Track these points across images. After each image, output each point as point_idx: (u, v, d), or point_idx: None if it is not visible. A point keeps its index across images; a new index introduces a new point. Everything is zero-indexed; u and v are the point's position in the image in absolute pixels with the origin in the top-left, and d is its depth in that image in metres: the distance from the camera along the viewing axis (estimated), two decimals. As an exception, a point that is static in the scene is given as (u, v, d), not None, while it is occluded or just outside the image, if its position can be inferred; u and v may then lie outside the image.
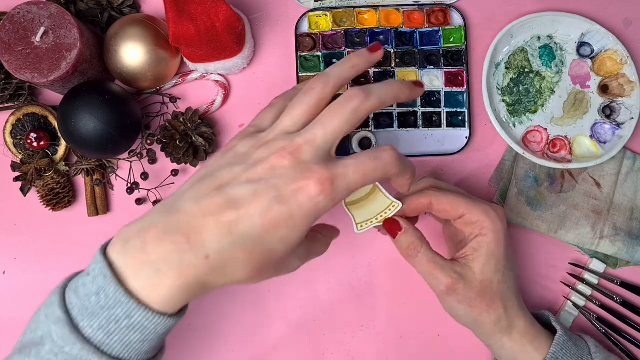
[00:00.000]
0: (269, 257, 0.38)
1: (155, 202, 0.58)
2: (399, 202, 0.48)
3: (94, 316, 0.36)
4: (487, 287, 0.48)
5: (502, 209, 0.50)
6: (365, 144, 0.60)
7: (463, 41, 0.61)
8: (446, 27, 0.61)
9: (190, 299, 0.38)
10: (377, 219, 0.49)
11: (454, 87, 0.61)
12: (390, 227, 0.49)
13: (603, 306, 0.59)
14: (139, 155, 0.58)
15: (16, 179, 0.57)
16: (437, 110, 0.61)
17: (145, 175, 0.58)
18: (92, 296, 0.36)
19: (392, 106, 0.60)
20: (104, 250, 0.38)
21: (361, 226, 0.49)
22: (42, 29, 0.50)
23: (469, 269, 0.48)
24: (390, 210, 0.49)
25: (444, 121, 0.61)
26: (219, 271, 0.37)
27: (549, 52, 0.62)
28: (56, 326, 0.36)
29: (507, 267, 0.49)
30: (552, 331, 0.52)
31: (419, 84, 0.46)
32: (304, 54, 0.60)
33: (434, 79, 0.61)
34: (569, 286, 0.60)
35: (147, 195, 0.59)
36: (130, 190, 0.57)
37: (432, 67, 0.61)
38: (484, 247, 0.48)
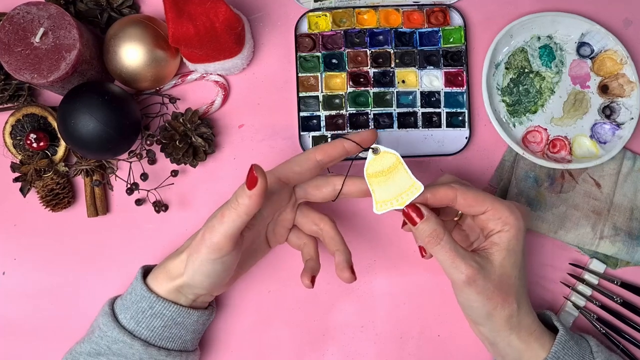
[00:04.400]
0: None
1: (155, 203, 0.58)
2: (421, 184, 0.47)
3: (128, 309, 0.50)
4: (505, 282, 0.48)
5: (525, 208, 0.50)
6: (364, 145, 0.60)
7: (463, 41, 0.61)
8: (446, 28, 0.61)
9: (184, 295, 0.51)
10: (397, 200, 0.47)
11: (454, 88, 0.61)
12: (412, 214, 0.48)
13: (603, 306, 0.59)
14: (138, 156, 0.58)
15: (16, 179, 0.57)
16: (437, 110, 0.61)
17: (144, 176, 0.58)
18: (127, 295, 0.51)
19: (391, 106, 0.60)
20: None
21: (381, 206, 0.48)
22: (42, 30, 0.50)
23: (488, 261, 0.48)
24: (412, 192, 0.47)
25: (443, 121, 0.61)
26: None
27: (548, 52, 0.61)
28: (103, 318, 0.51)
29: (523, 265, 0.50)
30: (555, 331, 0.52)
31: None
32: (304, 54, 0.60)
33: (434, 79, 0.61)
34: (569, 286, 0.60)
35: (147, 195, 0.59)
36: (130, 190, 0.57)
37: (432, 67, 0.61)
38: (504, 242, 0.48)
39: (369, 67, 0.61)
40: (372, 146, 0.48)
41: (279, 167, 0.50)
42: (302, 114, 0.60)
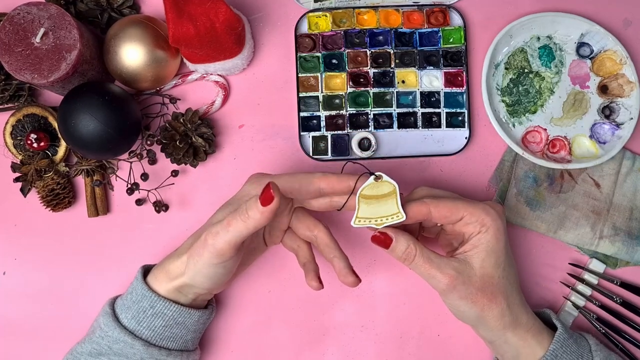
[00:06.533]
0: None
1: (155, 203, 0.58)
2: (404, 215, 0.48)
3: (128, 309, 0.50)
4: (488, 282, 0.48)
5: (500, 207, 0.51)
6: (364, 145, 0.60)
7: (462, 42, 0.61)
8: (446, 28, 0.61)
9: (185, 294, 0.51)
10: (376, 220, 0.48)
11: (454, 88, 0.61)
12: (382, 239, 0.49)
13: (603, 306, 0.59)
14: (138, 156, 0.58)
15: (16, 179, 0.57)
16: (437, 110, 0.61)
17: (145, 176, 0.58)
18: (128, 295, 0.51)
19: (391, 106, 0.60)
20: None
21: (359, 221, 0.49)
22: (42, 30, 0.50)
23: (467, 264, 0.48)
24: (392, 218, 0.48)
25: (443, 121, 0.61)
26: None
27: (548, 52, 0.62)
28: (103, 318, 0.51)
29: (507, 263, 0.50)
30: (554, 329, 0.52)
31: None
32: (304, 54, 0.60)
33: (434, 80, 0.61)
34: (568, 286, 0.60)
35: (147, 195, 0.59)
36: (130, 190, 0.57)
37: (432, 67, 0.61)
38: (483, 243, 0.48)
39: (369, 67, 0.61)
40: (376, 173, 0.49)
41: (283, 177, 0.51)
42: (302, 114, 0.60)
